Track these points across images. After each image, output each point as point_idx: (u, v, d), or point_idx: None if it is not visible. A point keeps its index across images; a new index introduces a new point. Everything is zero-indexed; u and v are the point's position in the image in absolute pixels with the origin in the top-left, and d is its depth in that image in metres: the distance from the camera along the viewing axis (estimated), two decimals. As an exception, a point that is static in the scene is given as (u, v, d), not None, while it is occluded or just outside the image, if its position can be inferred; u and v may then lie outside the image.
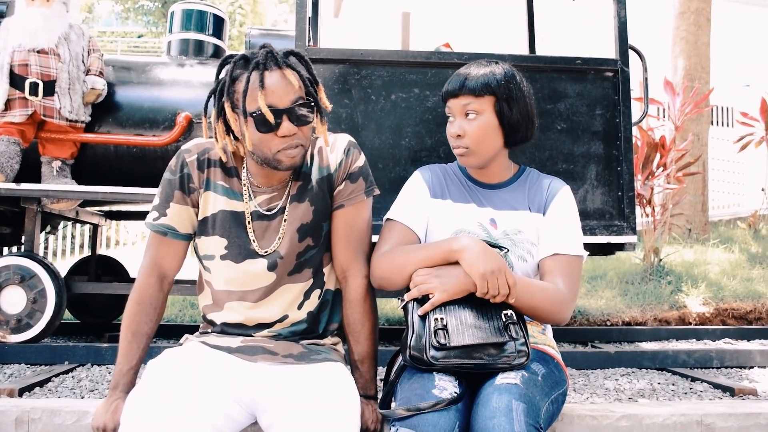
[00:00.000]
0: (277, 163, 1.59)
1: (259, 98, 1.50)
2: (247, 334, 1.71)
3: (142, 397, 1.45)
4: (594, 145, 2.89)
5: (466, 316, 1.58)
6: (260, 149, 1.58)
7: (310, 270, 1.73)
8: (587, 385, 2.66)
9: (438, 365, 1.54)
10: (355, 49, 2.83)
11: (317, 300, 1.75)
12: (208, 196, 1.69)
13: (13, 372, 2.73)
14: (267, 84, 1.52)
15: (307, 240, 1.71)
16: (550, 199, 1.83)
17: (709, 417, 1.93)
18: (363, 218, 1.76)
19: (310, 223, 1.70)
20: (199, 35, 3.80)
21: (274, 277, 1.69)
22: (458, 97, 1.77)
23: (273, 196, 1.70)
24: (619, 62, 2.93)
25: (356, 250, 1.75)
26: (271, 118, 1.51)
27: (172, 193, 1.69)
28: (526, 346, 1.58)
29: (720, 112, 12.54)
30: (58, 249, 9.37)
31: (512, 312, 1.60)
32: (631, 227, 2.85)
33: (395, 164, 2.80)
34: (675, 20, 7.16)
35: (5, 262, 3.04)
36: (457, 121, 1.79)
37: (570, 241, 1.77)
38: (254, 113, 1.52)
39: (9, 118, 3.19)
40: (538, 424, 1.45)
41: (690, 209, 6.82)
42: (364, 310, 1.74)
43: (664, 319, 4.52)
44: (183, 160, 1.69)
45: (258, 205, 1.69)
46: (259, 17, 19.20)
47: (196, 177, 1.68)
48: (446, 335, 1.54)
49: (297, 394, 1.50)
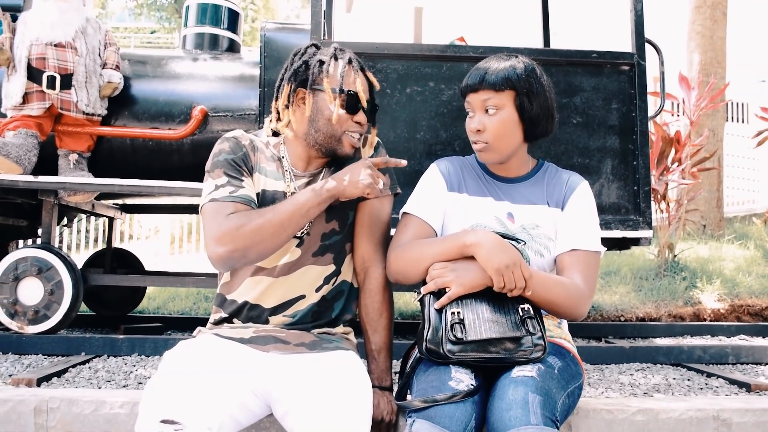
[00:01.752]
0: (339, 144, 1.74)
1: (357, 81, 1.72)
2: (261, 320, 1.73)
3: (159, 386, 1.46)
4: (610, 139, 2.88)
5: (483, 311, 1.57)
6: (332, 126, 1.71)
7: (331, 255, 1.78)
8: (602, 379, 2.65)
9: (454, 359, 1.55)
10: (370, 43, 2.83)
11: (332, 287, 1.78)
12: (258, 177, 1.76)
13: (31, 362, 2.76)
14: (361, 77, 1.76)
15: (333, 223, 1.77)
16: (568, 194, 1.82)
17: (726, 412, 1.92)
18: (386, 212, 1.84)
19: (337, 207, 1.75)
20: (214, 29, 3.81)
21: (299, 254, 1.74)
22: (478, 92, 1.75)
23: (310, 180, 1.79)
24: (635, 56, 2.92)
25: (378, 241, 1.81)
26: (364, 101, 1.72)
27: (240, 167, 1.72)
28: (542, 340, 1.58)
29: (735, 108, 12.43)
30: (72, 243, 9.45)
31: (529, 306, 1.60)
32: (646, 222, 2.84)
33: (410, 158, 2.80)
34: (691, 14, 7.10)
35: (23, 254, 3.07)
36: (476, 116, 1.77)
37: (588, 237, 1.76)
38: (350, 92, 1.70)
39: (27, 111, 3.21)
40: (554, 417, 1.45)
41: (705, 205, 6.77)
42: (383, 300, 1.78)
43: (679, 315, 4.49)
44: (239, 142, 1.77)
45: (297, 187, 1.77)
46: (271, 13, 19.21)
47: (252, 157, 1.77)
48: (463, 329, 1.54)
49: (309, 383, 1.51)
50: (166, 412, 1.38)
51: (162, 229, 10.08)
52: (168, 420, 1.37)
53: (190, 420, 1.37)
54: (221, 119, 3.46)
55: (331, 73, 1.72)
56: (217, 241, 1.57)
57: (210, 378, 1.49)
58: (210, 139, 3.46)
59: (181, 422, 1.36)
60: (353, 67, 1.74)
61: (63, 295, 3.06)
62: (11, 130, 3.20)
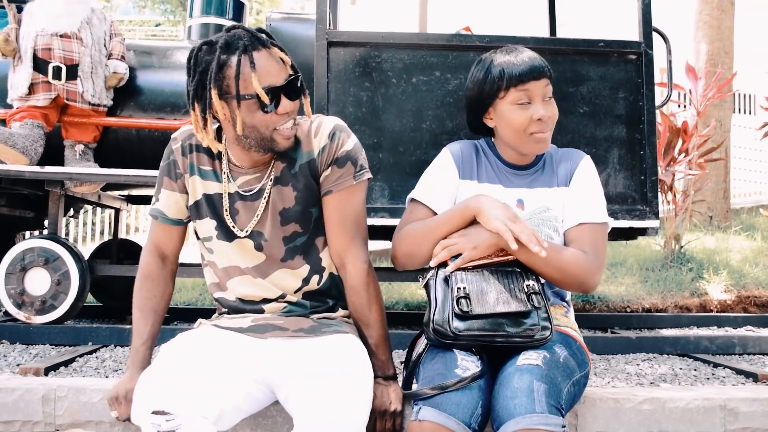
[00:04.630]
0: (273, 144, 1.58)
1: (253, 80, 1.49)
2: (258, 310, 1.72)
3: (152, 377, 1.46)
4: (617, 128, 2.86)
5: (489, 286, 1.59)
6: (257, 131, 1.56)
7: (301, 256, 1.71)
8: (608, 369, 2.65)
9: (461, 337, 1.55)
10: (376, 32, 2.82)
11: (317, 285, 1.73)
12: (194, 181, 1.71)
13: (38, 352, 2.77)
14: (259, 65, 1.51)
15: (293, 226, 1.68)
16: (572, 171, 1.82)
17: (733, 402, 1.91)
18: (355, 203, 1.71)
19: (293, 209, 1.68)
20: (219, 20, 3.80)
21: (263, 257, 1.69)
22: (540, 80, 1.71)
23: (254, 177, 1.69)
24: (642, 45, 2.90)
25: (351, 236, 1.70)
26: (266, 99, 1.50)
27: (162, 179, 1.75)
28: (548, 322, 1.58)
29: (742, 99, 12.34)
30: (79, 235, 9.48)
31: (535, 283, 1.62)
32: (653, 212, 2.83)
33: (416, 148, 2.79)
34: (698, 4, 7.04)
35: (30, 244, 3.08)
36: (537, 104, 1.72)
37: (594, 209, 1.76)
38: (249, 96, 1.51)
39: (33, 101, 3.22)
40: (559, 405, 1.45)
41: (712, 196, 6.73)
42: (369, 295, 1.70)
43: (685, 306, 4.48)
44: (170, 148, 1.73)
45: (238, 186, 1.69)
46: (276, 5, 19.17)
47: (181, 162, 1.71)
48: (469, 303, 1.55)
49: (308, 366, 1.50)
50: (158, 403, 1.38)
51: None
52: (159, 411, 1.36)
53: (183, 410, 1.37)
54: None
55: (229, 80, 1.52)
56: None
57: (207, 368, 1.49)
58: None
59: (172, 412, 1.36)
60: (248, 57, 1.50)
61: (70, 286, 3.07)
62: (17, 120, 3.21)
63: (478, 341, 1.57)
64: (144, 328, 1.71)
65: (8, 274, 3.05)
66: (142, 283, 1.75)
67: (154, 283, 1.75)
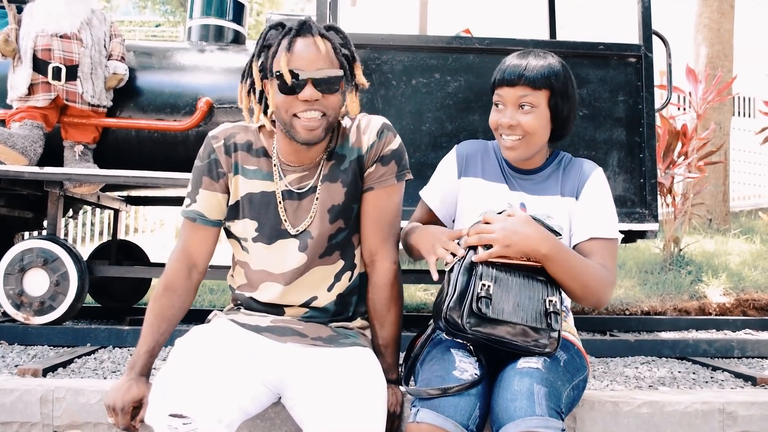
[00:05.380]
0: (293, 131, 1.59)
1: (282, 60, 1.53)
2: (278, 313, 1.72)
3: (169, 378, 1.45)
4: (616, 131, 2.87)
5: (512, 290, 1.55)
6: (280, 112, 1.59)
7: (339, 252, 1.72)
8: (607, 372, 2.65)
9: (470, 333, 1.52)
10: (376, 34, 2.82)
11: (348, 282, 1.74)
12: (237, 180, 1.69)
13: (37, 353, 2.77)
14: (295, 49, 1.55)
15: (338, 222, 1.69)
16: (582, 183, 1.79)
17: (732, 405, 1.91)
18: (393, 202, 1.73)
19: (341, 205, 1.69)
20: (219, 21, 3.80)
21: (305, 259, 1.68)
22: (515, 87, 1.71)
23: (304, 175, 1.69)
24: (642, 48, 2.90)
25: (385, 234, 1.72)
26: (289, 79, 1.53)
27: (200, 179, 1.69)
28: (558, 339, 1.57)
29: (742, 102, 12.36)
30: (78, 236, 9.46)
31: (558, 300, 1.57)
32: (653, 215, 2.83)
33: (416, 149, 2.79)
34: (698, 7, 7.05)
35: (28, 245, 3.08)
36: (508, 110, 1.73)
37: (605, 225, 1.74)
38: (278, 73, 1.54)
39: (32, 102, 3.22)
40: (559, 408, 1.45)
41: (711, 199, 6.74)
42: (391, 295, 1.72)
43: (684, 309, 4.48)
44: (210, 147, 1.70)
45: (288, 183, 1.69)
46: (276, 6, 19.17)
47: (224, 162, 1.69)
48: (489, 305, 1.51)
49: (324, 378, 1.50)
50: (176, 406, 1.37)
51: (167, 222, 10.10)
52: (177, 414, 1.36)
53: (200, 414, 1.37)
54: (226, 111, 3.46)
55: (267, 57, 1.60)
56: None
57: (223, 370, 1.48)
58: (215, 130, 3.46)
59: (189, 416, 1.36)
60: (288, 39, 1.56)
61: (68, 287, 3.07)
62: (17, 121, 3.20)
63: (485, 341, 1.56)
64: (152, 336, 1.66)
65: (7, 274, 3.05)
66: (164, 292, 1.69)
67: (176, 294, 1.70)
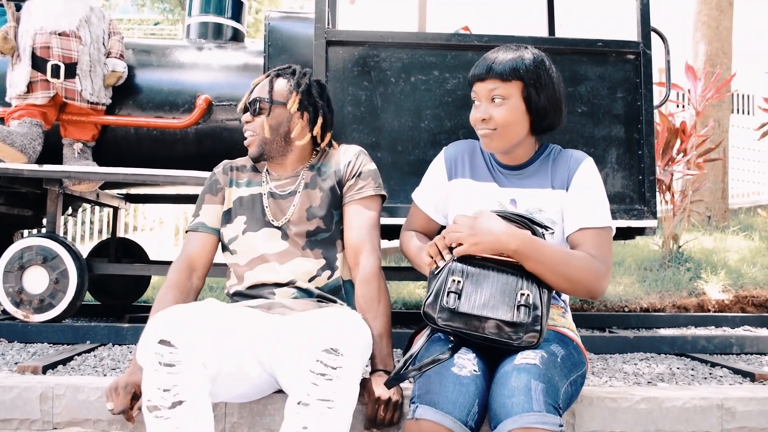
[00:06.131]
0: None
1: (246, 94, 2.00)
2: (269, 294, 1.84)
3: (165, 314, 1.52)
4: (615, 128, 2.87)
5: (485, 284, 1.57)
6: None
7: (320, 251, 1.92)
8: (606, 368, 2.66)
9: (444, 327, 1.58)
10: (375, 31, 2.82)
11: (327, 280, 1.90)
12: (231, 190, 2.01)
13: (36, 351, 2.77)
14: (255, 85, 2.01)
15: (316, 221, 1.92)
16: (572, 174, 1.79)
17: (730, 401, 1.92)
18: (372, 212, 1.95)
19: (319, 207, 1.93)
20: (218, 18, 3.80)
21: (287, 246, 1.90)
22: (485, 81, 1.74)
23: (287, 182, 1.99)
24: (641, 45, 2.90)
25: (368, 233, 1.92)
26: (240, 107, 2.00)
27: (203, 197, 2.01)
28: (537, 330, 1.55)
29: (741, 99, 12.35)
30: (77, 234, 9.47)
31: (530, 293, 1.56)
32: (651, 211, 2.83)
33: (414, 147, 2.80)
34: (697, 4, 7.04)
35: (28, 242, 3.08)
36: (482, 105, 1.76)
37: (596, 214, 1.74)
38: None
39: (31, 100, 3.22)
40: (557, 404, 1.45)
41: (710, 196, 6.74)
42: (379, 287, 1.87)
43: (683, 305, 4.49)
44: (212, 173, 2.06)
45: (273, 188, 1.98)
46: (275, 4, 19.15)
47: (222, 179, 2.03)
48: (457, 300, 1.55)
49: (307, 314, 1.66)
50: (166, 334, 1.44)
51: (166, 221, 10.10)
52: (165, 341, 1.43)
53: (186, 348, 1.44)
54: (225, 108, 3.46)
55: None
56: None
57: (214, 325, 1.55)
58: (214, 128, 3.46)
59: (176, 346, 1.43)
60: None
61: (68, 284, 3.07)
62: (16, 119, 3.20)
63: (458, 334, 1.59)
64: None
65: (6, 272, 3.05)
66: (167, 290, 1.85)
67: (179, 291, 1.87)
